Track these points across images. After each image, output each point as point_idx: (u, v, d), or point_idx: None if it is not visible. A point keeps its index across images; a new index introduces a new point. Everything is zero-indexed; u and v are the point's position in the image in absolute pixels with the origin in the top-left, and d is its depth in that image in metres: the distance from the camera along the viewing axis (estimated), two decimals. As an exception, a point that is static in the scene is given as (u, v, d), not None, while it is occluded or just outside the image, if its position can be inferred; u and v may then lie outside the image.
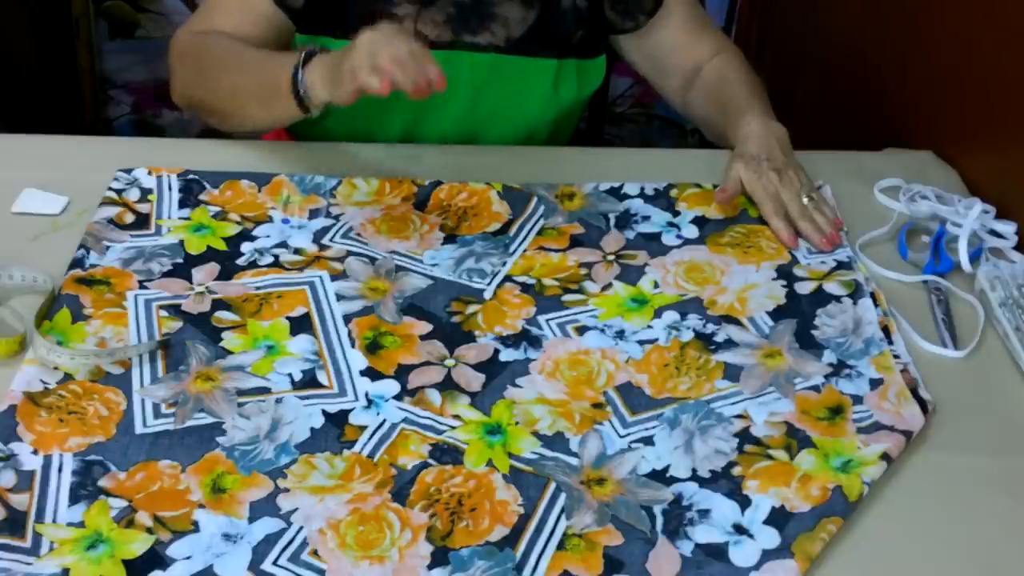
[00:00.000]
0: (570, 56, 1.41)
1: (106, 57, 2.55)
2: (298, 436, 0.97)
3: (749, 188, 1.25)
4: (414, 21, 1.34)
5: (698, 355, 1.08)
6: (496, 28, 1.37)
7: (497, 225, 1.24)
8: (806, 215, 1.23)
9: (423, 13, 1.34)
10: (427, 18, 1.35)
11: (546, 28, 1.38)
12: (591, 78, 1.45)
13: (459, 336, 1.09)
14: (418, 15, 1.34)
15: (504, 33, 1.37)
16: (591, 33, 1.42)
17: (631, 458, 0.96)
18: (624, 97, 2.69)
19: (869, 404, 1.02)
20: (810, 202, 1.24)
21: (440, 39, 1.35)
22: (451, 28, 1.36)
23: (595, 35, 1.43)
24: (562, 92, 1.42)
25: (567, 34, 1.40)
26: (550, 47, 1.39)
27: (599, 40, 1.45)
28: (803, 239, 1.23)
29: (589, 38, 1.42)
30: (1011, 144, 1.32)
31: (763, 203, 1.25)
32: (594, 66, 1.45)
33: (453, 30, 1.36)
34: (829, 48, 1.96)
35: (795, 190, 1.24)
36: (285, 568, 0.85)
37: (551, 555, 0.87)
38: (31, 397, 0.98)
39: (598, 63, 1.45)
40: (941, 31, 1.50)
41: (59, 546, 0.86)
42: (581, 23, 1.40)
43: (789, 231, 1.22)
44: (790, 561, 0.87)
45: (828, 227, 1.23)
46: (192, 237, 1.19)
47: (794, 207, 1.23)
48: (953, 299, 1.18)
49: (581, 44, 1.42)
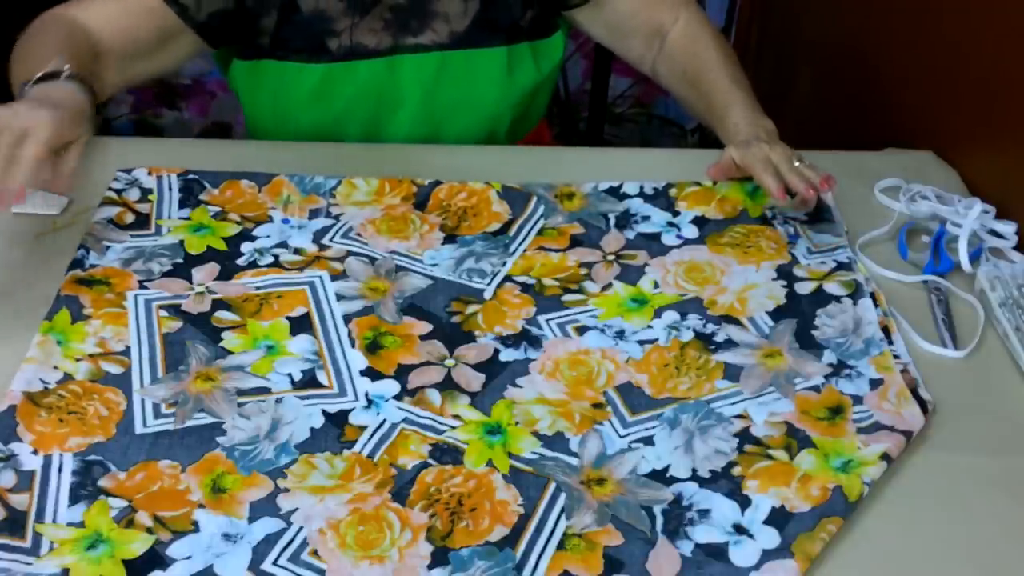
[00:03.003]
0: (521, 40, 1.39)
1: (106, 57, 2.55)
2: (298, 436, 0.97)
3: (740, 160, 1.22)
4: (350, 34, 1.33)
5: (698, 355, 1.08)
6: (438, 25, 1.35)
7: (497, 225, 1.24)
8: (795, 171, 1.20)
9: (360, 23, 1.33)
10: (364, 28, 1.34)
11: (490, 16, 1.37)
12: (549, 56, 1.44)
13: (459, 336, 1.09)
14: (354, 27, 1.33)
15: (447, 29, 1.36)
16: (541, 13, 1.41)
17: (631, 458, 0.96)
18: (624, 97, 2.69)
19: (869, 404, 1.02)
20: (800, 164, 1.21)
21: (380, 46, 1.35)
22: (391, 33, 1.35)
23: (546, 14, 1.42)
24: (518, 76, 1.41)
25: (514, 19, 1.38)
26: (497, 34, 1.37)
27: (551, 18, 1.43)
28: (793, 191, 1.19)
29: (540, 18, 1.41)
30: (1011, 144, 1.32)
31: (754, 165, 1.21)
32: (550, 44, 1.43)
33: (393, 35, 1.35)
34: (829, 48, 1.96)
35: (786, 155, 1.21)
36: (285, 568, 0.85)
37: (551, 555, 0.87)
38: (31, 397, 0.98)
39: (554, 40, 1.44)
40: (941, 31, 1.50)
41: (59, 546, 0.86)
42: (528, 4, 1.39)
43: (778, 184, 1.18)
44: (790, 561, 0.87)
45: (816, 180, 1.19)
46: (192, 237, 1.19)
47: (784, 165, 1.20)
48: (953, 299, 1.18)
49: (532, 26, 1.40)
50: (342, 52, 1.34)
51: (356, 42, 1.34)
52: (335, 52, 1.34)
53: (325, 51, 1.34)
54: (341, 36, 1.33)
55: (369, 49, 1.34)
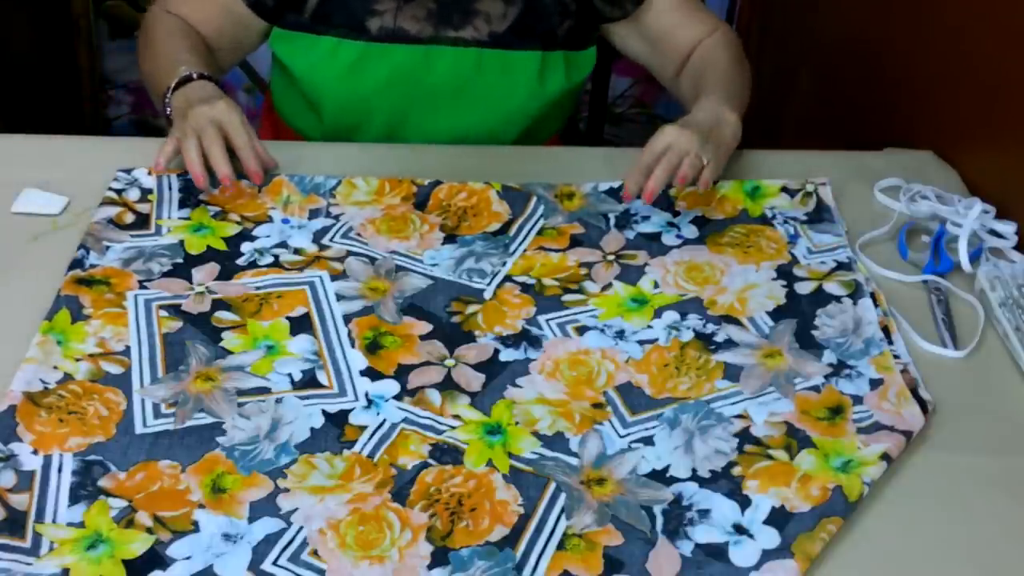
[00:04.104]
0: (556, 48, 1.41)
1: (106, 57, 2.55)
2: (298, 436, 0.97)
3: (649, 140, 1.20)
4: (394, 16, 1.35)
5: (698, 355, 1.08)
6: (479, 23, 1.37)
7: (497, 225, 1.24)
8: (670, 161, 1.17)
9: (404, 8, 1.36)
10: (408, 13, 1.36)
11: (529, 22, 1.39)
12: (580, 68, 1.45)
13: (459, 336, 1.09)
14: (399, 10, 1.35)
15: (487, 28, 1.38)
16: (579, 24, 1.42)
17: (631, 458, 0.96)
18: (624, 97, 2.69)
19: (869, 404, 1.02)
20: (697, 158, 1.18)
21: (421, 34, 1.37)
22: (432, 23, 1.37)
23: (584, 26, 1.43)
24: (549, 84, 1.42)
25: (551, 27, 1.40)
26: (534, 40, 1.39)
27: (589, 31, 1.44)
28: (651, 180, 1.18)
29: (578, 29, 1.42)
30: (1011, 144, 1.32)
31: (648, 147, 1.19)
32: (583, 56, 1.45)
33: (435, 25, 1.37)
34: (829, 48, 1.96)
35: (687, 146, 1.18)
36: (285, 568, 0.85)
37: (551, 555, 0.87)
38: (31, 397, 0.98)
39: (587, 54, 1.45)
40: (941, 31, 1.50)
41: (59, 546, 0.86)
42: (567, 15, 1.40)
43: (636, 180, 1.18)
44: (790, 561, 0.87)
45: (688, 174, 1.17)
46: (192, 237, 1.19)
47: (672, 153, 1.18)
48: (953, 299, 1.18)
49: (569, 36, 1.41)
50: (383, 34, 1.36)
51: (398, 26, 1.36)
52: (375, 33, 1.36)
53: (364, 30, 1.36)
54: (384, 17, 1.36)
55: (410, 35, 1.36)
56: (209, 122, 1.21)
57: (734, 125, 1.27)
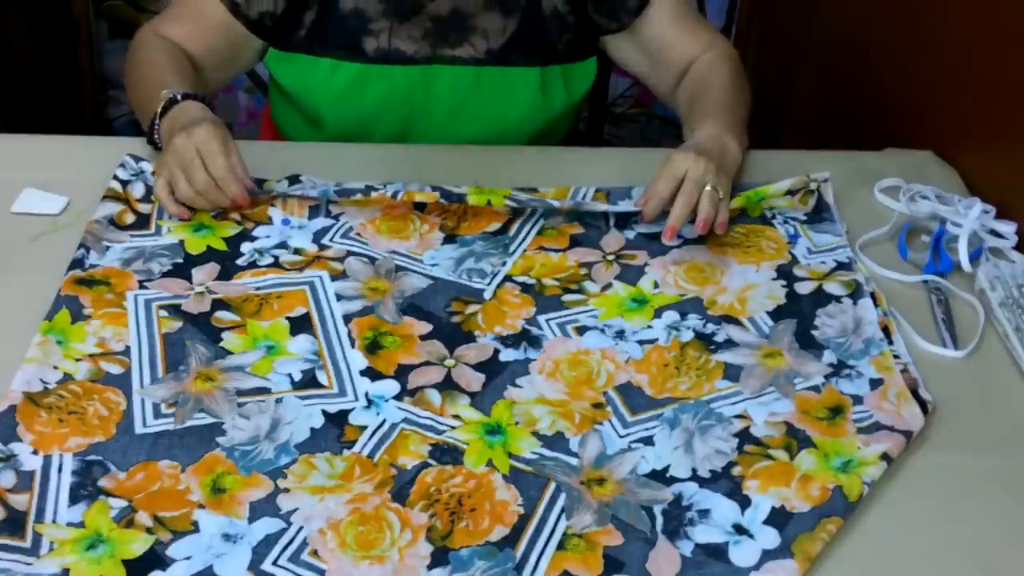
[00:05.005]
0: (555, 62, 1.40)
1: (106, 57, 2.55)
2: (298, 436, 0.97)
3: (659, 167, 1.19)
4: (388, 36, 1.34)
5: (698, 355, 1.08)
6: (476, 40, 1.37)
7: (497, 225, 1.24)
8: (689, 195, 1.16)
9: (399, 28, 1.35)
10: (403, 33, 1.35)
11: (527, 36, 1.38)
12: (580, 81, 1.45)
13: (459, 336, 1.09)
14: (393, 30, 1.34)
15: (484, 45, 1.37)
16: (577, 37, 1.42)
17: (631, 458, 0.96)
18: (624, 97, 2.69)
19: (869, 404, 1.02)
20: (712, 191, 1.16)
21: (418, 55, 1.36)
22: (429, 43, 1.36)
23: (582, 39, 1.43)
24: (549, 98, 1.42)
25: (550, 41, 1.39)
26: (532, 55, 1.39)
27: (587, 43, 1.44)
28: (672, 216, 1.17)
29: (576, 42, 1.42)
30: (1011, 144, 1.32)
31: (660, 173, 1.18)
32: (582, 68, 1.44)
33: (431, 45, 1.36)
34: (829, 48, 1.96)
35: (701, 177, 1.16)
36: (285, 568, 0.85)
37: (551, 555, 0.87)
38: (31, 397, 0.98)
39: (587, 65, 1.45)
40: (941, 31, 1.50)
41: (59, 546, 0.86)
42: (565, 28, 1.40)
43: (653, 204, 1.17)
44: (790, 561, 0.87)
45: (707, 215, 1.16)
46: (192, 237, 1.19)
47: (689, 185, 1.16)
48: (953, 299, 1.18)
49: (568, 49, 1.41)
50: (379, 56, 1.35)
51: (394, 47, 1.35)
52: (371, 54, 1.35)
53: (361, 51, 1.35)
54: (379, 38, 1.35)
55: (406, 56, 1.36)
56: (194, 156, 1.17)
57: (735, 153, 1.26)
